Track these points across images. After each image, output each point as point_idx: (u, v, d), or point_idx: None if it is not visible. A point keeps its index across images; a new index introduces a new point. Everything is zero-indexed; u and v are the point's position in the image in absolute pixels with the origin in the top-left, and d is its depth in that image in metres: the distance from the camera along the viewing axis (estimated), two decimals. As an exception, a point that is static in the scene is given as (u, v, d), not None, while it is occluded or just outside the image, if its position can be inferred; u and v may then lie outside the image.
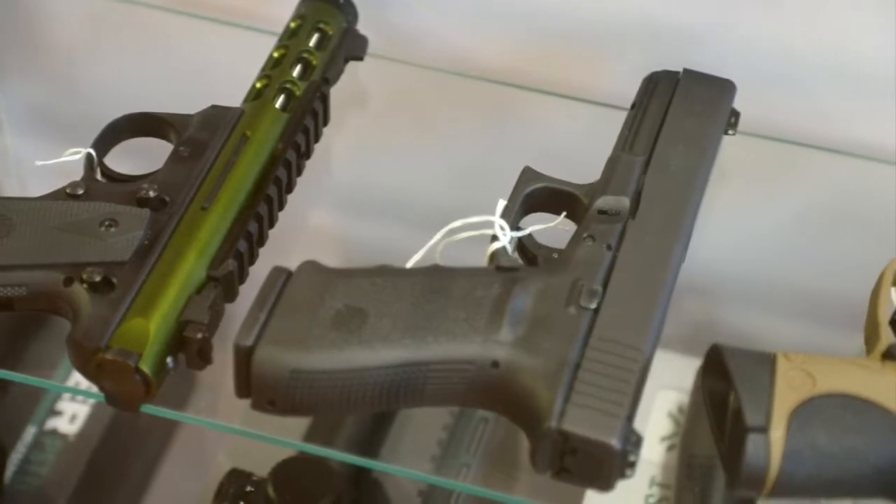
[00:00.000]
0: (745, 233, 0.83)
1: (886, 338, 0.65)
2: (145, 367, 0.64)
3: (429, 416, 0.88)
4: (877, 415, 0.62)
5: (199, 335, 0.66)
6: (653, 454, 0.89)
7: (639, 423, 0.88)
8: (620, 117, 0.77)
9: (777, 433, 0.61)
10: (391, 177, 0.86)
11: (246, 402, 0.64)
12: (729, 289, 0.83)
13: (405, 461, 0.85)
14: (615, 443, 0.62)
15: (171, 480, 0.95)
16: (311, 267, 0.67)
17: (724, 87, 0.78)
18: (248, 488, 0.82)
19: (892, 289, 0.68)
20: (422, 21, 0.89)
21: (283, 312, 0.65)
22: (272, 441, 0.70)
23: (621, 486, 0.65)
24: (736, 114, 0.78)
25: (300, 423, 0.83)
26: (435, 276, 0.67)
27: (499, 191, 0.72)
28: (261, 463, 0.84)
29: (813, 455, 0.61)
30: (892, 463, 0.61)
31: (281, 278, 0.66)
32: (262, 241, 0.73)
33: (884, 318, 0.66)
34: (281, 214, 0.75)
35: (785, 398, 0.62)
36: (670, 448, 0.89)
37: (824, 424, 0.61)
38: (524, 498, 0.78)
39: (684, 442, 0.87)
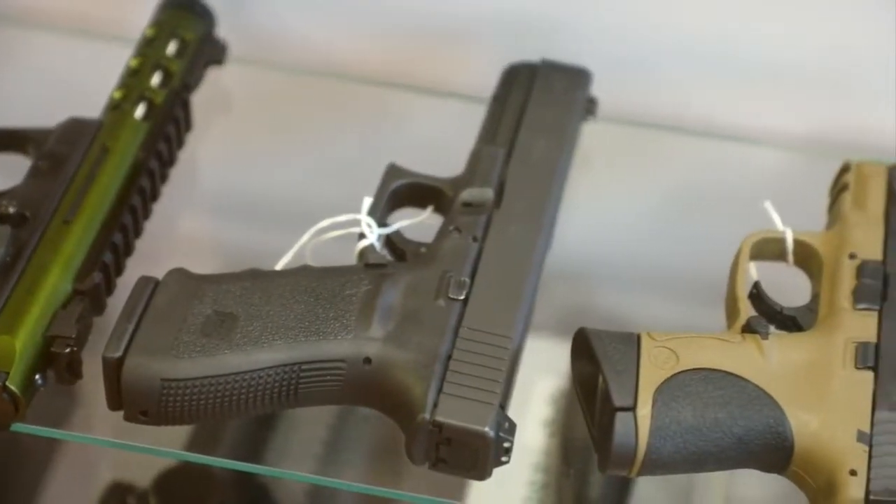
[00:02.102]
0: (609, 217, 0.85)
1: (745, 311, 0.67)
2: (13, 386, 0.64)
3: (311, 415, 0.88)
4: (737, 387, 0.63)
5: (67, 350, 0.65)
6: (535, 440, 0.90)
7: (519, 410, 0.89)
8: (483, 110, 0.78)
9: (643, 411, 0.62)
10: (259, 180, 0.86)
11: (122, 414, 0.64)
12: (598, 272, 0.85)
13: (290, 463, 0.85)
14: (489, 430, 0.63)
15: (55, 499, 0.94)
16: (179, 274, 0.67)
17: (580, 76, 0.79)
18: (130, 501, 0.82)
19: (750, 263, 0.71)
20: (283, 23, 0.89)
21: (151, 322, 0.65)
22: (149, 451, 0.70)
23: (504, 472, 0.66)
24: (594, 101, 0.79)
25: (181, 432, 0.83)
26: (304, 277, 0.68)
27: (367, 189, 0.73)
28: (143, 474, 0.83)
29: (679, 430, 0.62)
30: (753, 433, 0.63)
31: (148, 288, 0.66)
32: (128, 251, 0.72)
33: (742, 292, 0.68)
34: (149, 223, 0.75)
35: (650, 376, 0.63)
36: (552, 433, 0.90)
37: (688, 399, 0.63)
38: (411, 492, 0.79)
39: (564, 426, 0.88)
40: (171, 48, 0.79)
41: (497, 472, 0.65)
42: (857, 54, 0.85)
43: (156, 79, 0.77)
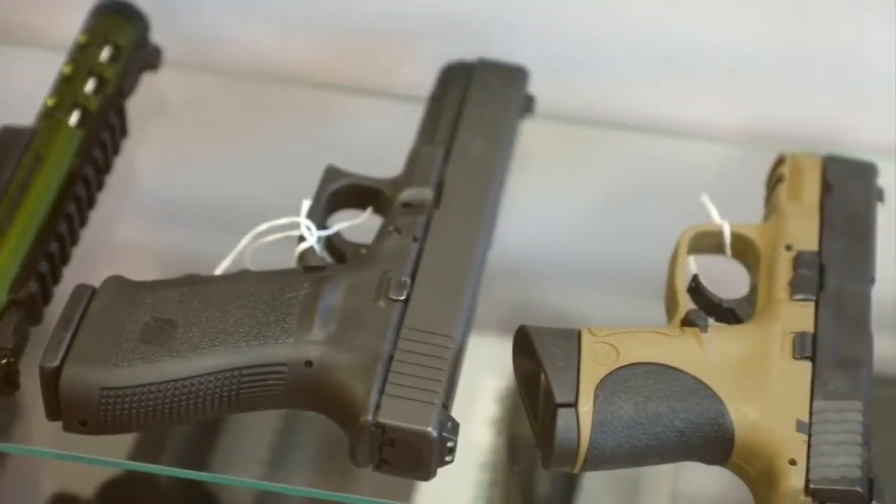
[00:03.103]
0: (550, 213, 0.85)
1: (684, 305, 0.68)
2: (-51, 398, 0.63)
3: (258, 420, 0.87)
4: (677, 380, 0.64)
5: (4, 361, 0.65)
6: (482, 439, 0.90)
7: (466, 409, 0.89)
8: (421, 110, 0.78)
9: (585, 407, 0.62)
10: (197, 185, 0.85)
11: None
12: (540, 269, 0.85)
13: (236, 469, 0.84)
14: (431, 430, 0.63)
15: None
16: (116, 282, 0.67)
17: (518, 74, 0.79)
18: (75, 512, 0.81)
19: (689, 257, 0.71)
20: (218, 26, 0.89)
21: (88, 330, 0.64)
22: (91, 462, 0.69)
23: (452, 472, 0.66)
24: (531, 99, 0.80)
25: (125, 439, 0.82)
26: (243, 281, 0.68)
27: (307, 191, 0.73)
28: (87, 484, 0.82)
29: (621, 425, 0.63)
30: (693, 426, 0.63)
31: (85, 296, 0.66)
32: (65, 260, 0.72)
33: (681, 286, 0.69)
34: (85, 231, 0.74)
35: (591, 372, 0.64)
36: (499, 432, 0.90)
37: (629, 394, 0.63)
38: (359, 495, 0.79)
39: (510, 424, 0.89)
40: (105, 54, 0.79)
41: (445, 471, 0.65)
42: (791, 47, 0.85)
43: (90, 85, 0.77)
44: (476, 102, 0.77)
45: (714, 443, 0.63)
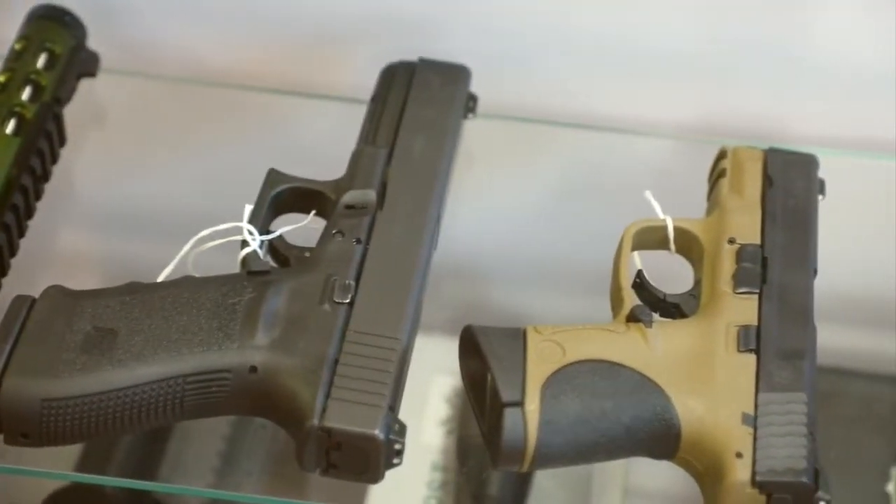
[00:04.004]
0: (496, 212, 0.85)
1: (629, 301, 0.68)
2: None
3: (206, 427, 0.87)
4: (623, 376, 0.64)
5: (-59, 373, 0.64)
6: (432, 439, 0.90)
7: (416, 410, 0.89)
8: (363, 111, 0.78)
9: (532, 406, 0.62)
10: (138, 192, 0.84)
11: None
12: (487, 268, 0.85)
13: (186, 477, 0.84)
14: (378, 433, 0.62)
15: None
16: (56, 292, 0.66)
17: (459, 73, 0.79)
18: (20, 525, 0.80)
19: (633, 253, 0.71)
20: (156, 31, 0.88)
21: (28, 341, 0.64)
22: (35, 475, 0.69)
23: (403, 473, 0.66)
24: (474, 98, 0.79)
25: (71, 451, 0.81)
26: (186, 288, 0.67)
27: (250, 196, 0.72)
28: (33, 497, 0.81)
29: (568, 423, 0.63)
30: (640, 421, 0.63)
31: (24, 307, 0.65)
32: (3, 271, 0.71)
33: (625, 281, 0.69)
34: (24, 241, 0.73)
35: (537, 370, 0.63)
36: (449, 432, 0.90)
37: (576, 391, 0.63)
38: (312, 500, 0.79)
39: (460, 424, 0.89)
40: (41, 61, 0.78)
41: (397, 473, 0.65)
42: (731, 42, 0.86)
43: (26, 93, 0.76)
44: (418, 102, 0.76)
45: (661, 438, 0.63)
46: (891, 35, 0.83)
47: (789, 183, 0.73)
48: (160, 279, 0.69)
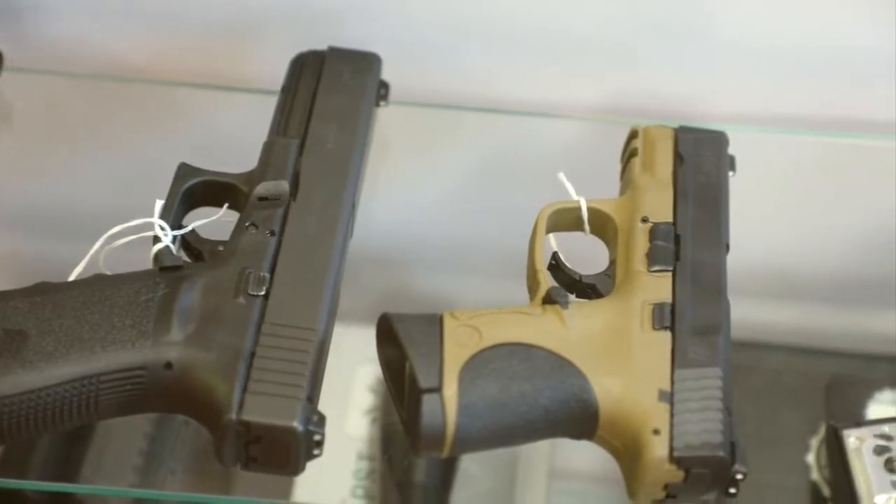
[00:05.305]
0: (412, 199, 0.85)
1: (545, 283, 0.68)
2: None
3: (128, 426, 0.86)
4: (540, 358, 0.64)
5: None
6: (357, 429, 0.90)
7: (340, 400, 0.89)
8: (274, 102, 0.77)
9: (450, 391, 0.62)
10: (49, 190, 0.83)
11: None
12: (406, 255, 0.85)
13: (107, 477, 0.83)
14: (297, 425, 0.62)
15: None
16: (-37, 294, 0.65)
17: (370, 61, 0.79)
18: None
19: (549, 235, 0.71)
20: (62, 28, 0.87)
21: (-65, 346, 0.62)
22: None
23: (329, 463, 0.65)
24: (385, 85, 0.79)
25: (-11, 456, 0.80)
26: (97, 286, 0.66)
27: (163, 191, 0.71)
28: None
29: (486, 406, 0.63)
30: (558, 402, 0.63)
31: (-69, 310, 0.64)
32: None
33: (540, 264, 0.69)
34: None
35: (454, 356, 0.63)
36: (374, 421, 0.90)
37: (493, 375, 0.63)
38: (238, 495, 0.78)
39: (384, 413, 0.88)
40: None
41: (322, 463, 0.64)
42: (640, 22, 0.86)
43: (-73, 94, 0.75)
44: (329, 92, 0.76)
45: (579, 418, 0.63)
46: (795, 11, 0.84)
47: (700, 160, 0.73)
48: (71, 278, 0.68)
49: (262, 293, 0.66)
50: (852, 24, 0.83)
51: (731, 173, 0.74)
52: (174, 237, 0.69)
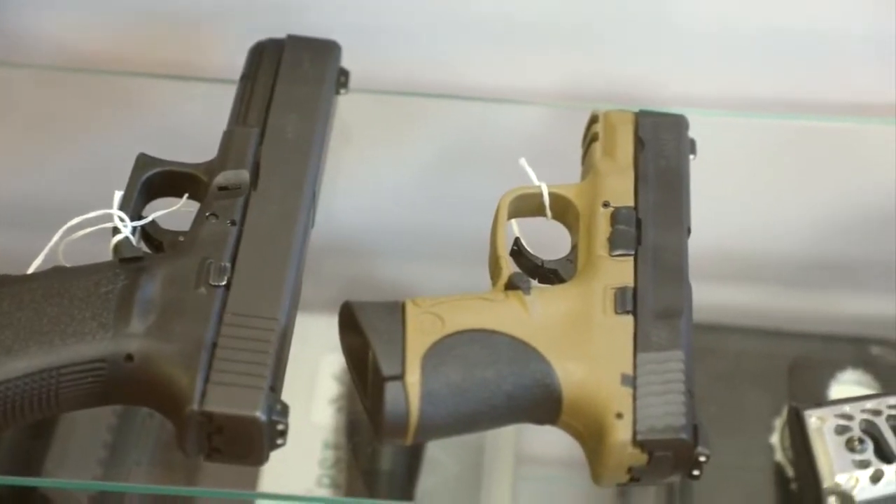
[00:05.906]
0: (374, 187, 0.85)
1: (507, 269, 0.68)
2: None
3: (91, 419, 0.85)
4: (502, 344, 0.64)
5: None
6: (324, 418, 0.90)
7: (305, 389, 0.88)
8: (233, 91, 0.77)
9: (412, 378, 0.62)
10: (6, 183, 0.83)
11: None
12: (369, 243, 0.85)
13: (71, 470, 0.82)
14: (259, 415, 0.62)
15: None
16: (-80, 288, 0.64)
17: (329, 49, 0.78)
18: None
19: (512, 221, 0.71)
20: (16, 19, 0.86)
21: None
22: None
23: (295, 452, 0.65)
24: (345, 73, 0.79)
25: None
26: (56, 279, 0.66)
27: (122, 183, 0.71)
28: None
29: (449, 393, 0.62)
30: (521, 388, 0.63)
31: None
32: None
33: (502, 250, 0.68)
34: None
35: (417, 343, 0.63)
36: (339, 409, 0.90)
37: (456, 362, 0.63)
38: (204, 487, 0.78)
39: (350, 401, 0.88)
40: None
41: (288, 453, 0.64)
42: (597, 6, 0.86)
43: None
44: (288, 80, 0.75)
45: (543, 403, 0.63)
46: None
47: (660, 144, 0.73)
48: (30, 271, 0.67)
49: (224, 283, 0.66)
50: (808, 5, 0.83)
51: (691, 156, 0.74)
52: (134, 228, 0.68)
